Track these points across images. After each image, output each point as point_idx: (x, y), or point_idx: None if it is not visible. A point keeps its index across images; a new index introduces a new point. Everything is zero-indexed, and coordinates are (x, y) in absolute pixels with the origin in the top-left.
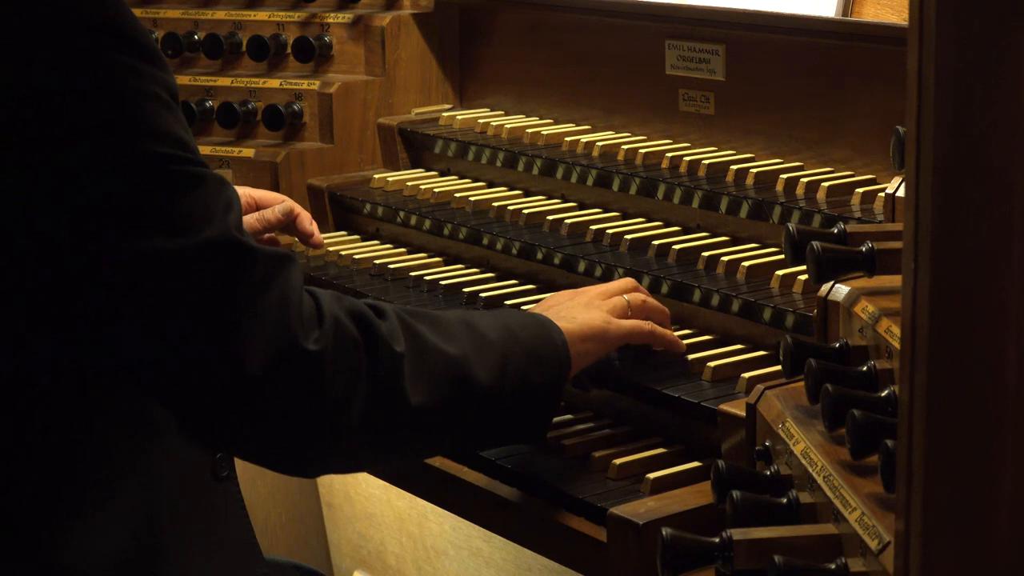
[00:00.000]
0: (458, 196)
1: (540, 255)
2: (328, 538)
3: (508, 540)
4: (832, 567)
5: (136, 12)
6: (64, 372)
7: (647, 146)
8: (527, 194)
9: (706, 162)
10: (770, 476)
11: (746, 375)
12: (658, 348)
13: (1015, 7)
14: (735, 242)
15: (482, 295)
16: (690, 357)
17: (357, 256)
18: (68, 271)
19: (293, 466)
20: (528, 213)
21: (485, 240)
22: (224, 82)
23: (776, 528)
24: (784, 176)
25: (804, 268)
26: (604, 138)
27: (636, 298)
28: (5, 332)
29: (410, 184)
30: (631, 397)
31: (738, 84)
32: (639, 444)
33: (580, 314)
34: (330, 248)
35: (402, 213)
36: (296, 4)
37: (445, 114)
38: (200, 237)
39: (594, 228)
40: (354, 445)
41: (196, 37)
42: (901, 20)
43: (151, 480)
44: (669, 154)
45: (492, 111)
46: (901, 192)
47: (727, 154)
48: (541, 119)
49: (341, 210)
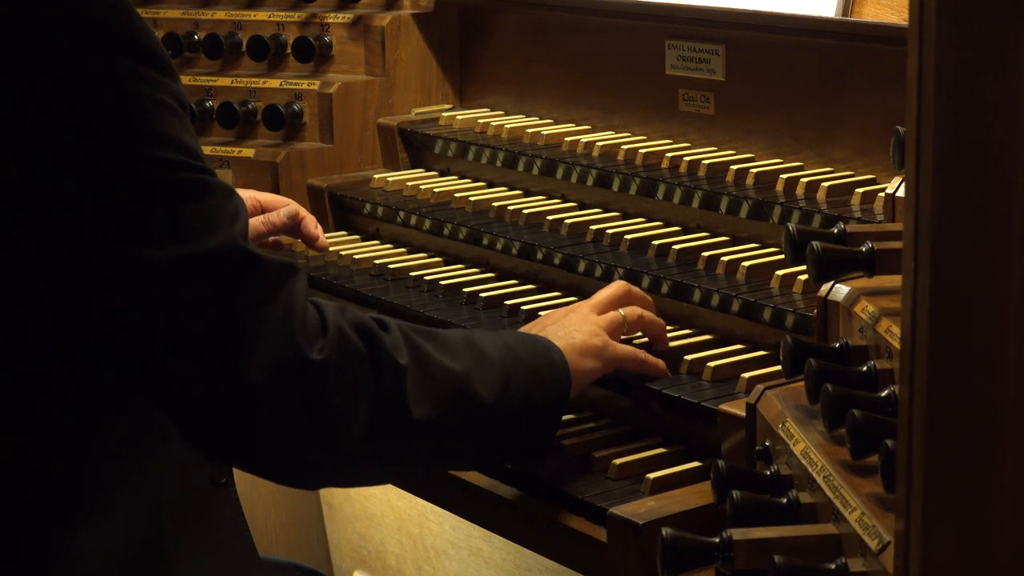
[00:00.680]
0: (458, 196)
1: (540, 255)
2: (328, 538)
3: (508, 540)
4: (832, 567)
5: None
6: (68, 378)
7: (647, 146)
8: (527, 194)
9: (706, 162)
10: (770, 476)
11: (746, 375)
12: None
13: (1015, 7)
14: (735, 242)
15: (482, 295)
16: (690, 357)
17: (357, 256)
18: (73, 276)
19: (293, 477)
20: (528, 213)
21: (485, 240)
22: (224, 82)
23: (776, 528)
24: (784, 176)
25: (804, 268)
26: (604, 138)
27: (632, 313)
28: (9, 336)
29: (410, 184)
30: (631, 397)
31: (738, 84)
32: (639, 444)
33: (578, 333)
34: (330, 248)
35: (402, 213)
36: (296, 4)
37: (445, 114)
38: (205, 245)
39: (594, 228)
40: (355, 458)
41: (196, 37)
42: (901, 20)
43: (153, 485)
44: (669, 154)
45: (492, 111)
46: (901, 192)
47: (727, 154)
48: (541, 119)
49: (341, 210)
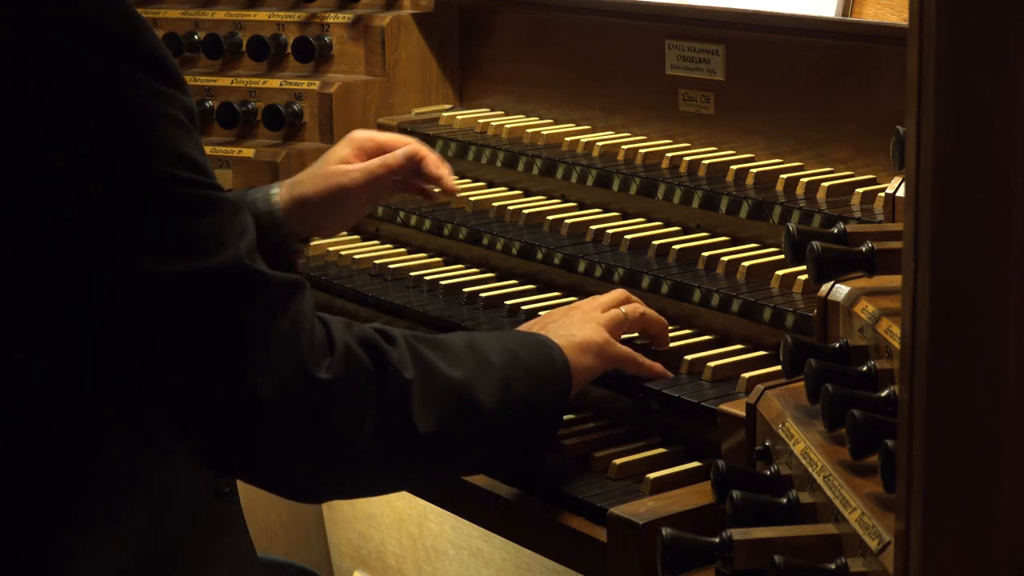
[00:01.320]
0: (458, 196)
1: (540, 255)
2: (328, 538)
3: (508, 540)
4: (832, 567)
5: None
6: (74, 391)
7: (647, 146)
8: (527, 194)
9: (706, 162)
10: (770, 476)
11: (746, 375)
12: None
13: (1015, 7)
14: (735, 242)
15: (482, 295)
16: (690, 357)
17: (357, 256)
18: (79, 290)
19: (297, 492)
20: (528, 213)
21: (485, 240)
22: (224, 82)
23: (776, 528)
24: (784, 176)
25: (804, 268)
26: (604, 138)
27: (634, 311)
28: (16, 349)
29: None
30: (631, 397)
31: (738, 84)
32: (639, 444)
33: (579, 331)
34: (329, 248)
35: (402, 213)
36: (296, 4)
37: (445, 114)
38: (212, 262)
39: (594, 228)
40: (359, 472)
41: (196, 37)
42: (901, 20)
43: (158, 496)
44: (669, 154)
45: (492, 111)
46: (901, 192)
47: (727, 154)
48: (541, 119)
49: None
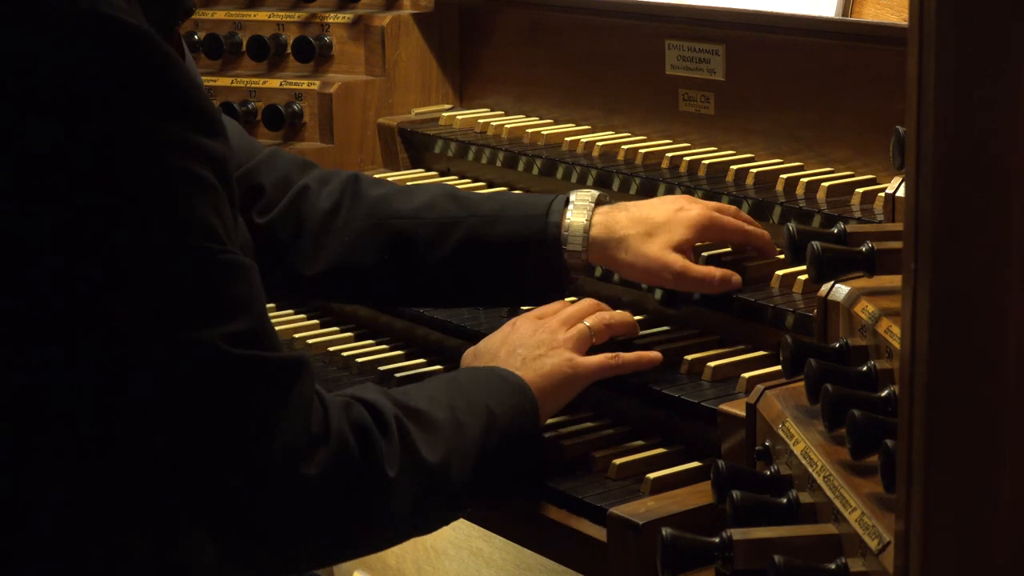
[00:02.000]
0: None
1: None
2: None
3: (508, 540)
4: (832, 567)
5: None
6: (77, 457)
7: (647, 146)
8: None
9: (706, 162)
10: (770, 476)
11: (746, 375)
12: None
13: (1015, 7)
14: None
15: None
16: (690, 357)
17: None
18: (83, 353)
19: (272, 570)
20: None
21: None
22: (224, 82)
23: (776, 528)
24: (784, 176)
25: (804, 268)
26: (604, 138)
27: (598, 322)
28: (16, 409)
29: (410, 184)
30: (631, 397)
31: (738, 84)
32: (639, 444)
33: (548, 360)
34: None
35: None
36: (296, 4)
37: (445, 114)
38: (214, 334)
39: None
40: (335, 556)
41: (196, 37)
42: (901, 20)
43: (167, 529)
44: (669, 154)
45: (492, 111)
46: (901, 192)
47: (727, 154)
48: (541, 119)
49: None
